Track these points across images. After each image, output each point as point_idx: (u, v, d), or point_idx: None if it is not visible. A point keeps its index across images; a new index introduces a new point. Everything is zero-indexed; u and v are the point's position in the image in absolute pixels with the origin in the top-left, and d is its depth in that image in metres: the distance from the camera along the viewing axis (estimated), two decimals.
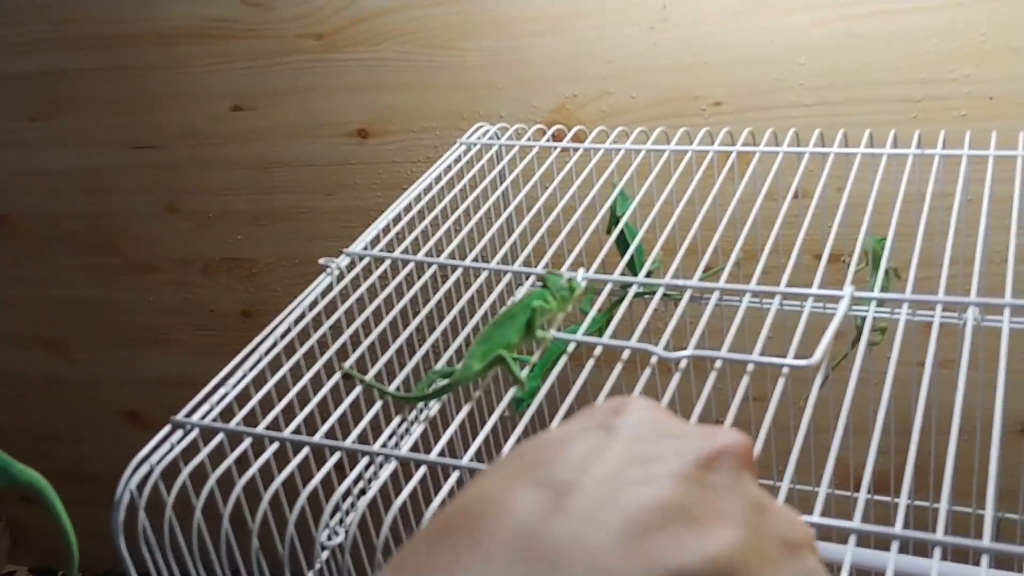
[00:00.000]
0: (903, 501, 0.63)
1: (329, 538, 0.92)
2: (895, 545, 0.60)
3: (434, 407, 0.91)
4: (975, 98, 1.18)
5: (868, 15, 1.18)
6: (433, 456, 0.74)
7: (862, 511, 0.64)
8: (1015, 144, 1.00)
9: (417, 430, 0.82)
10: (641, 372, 0.78)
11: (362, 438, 0.79)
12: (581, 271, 0.91)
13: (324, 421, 0.80)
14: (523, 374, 0.83)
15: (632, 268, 1.05)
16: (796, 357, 0.76)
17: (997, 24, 1.14)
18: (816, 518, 0.64)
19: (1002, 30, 1.14)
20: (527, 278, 0.97)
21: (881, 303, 1.00)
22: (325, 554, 0.90)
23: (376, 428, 0.84)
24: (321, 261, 0.94)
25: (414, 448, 0.78)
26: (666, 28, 1.26)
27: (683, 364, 0.77)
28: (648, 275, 0.97)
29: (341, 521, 0.94)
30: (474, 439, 0.76)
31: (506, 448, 0.76)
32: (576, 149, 1.12)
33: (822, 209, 0.98)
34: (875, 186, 0.96)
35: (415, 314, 0.91)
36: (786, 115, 1.24)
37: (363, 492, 0.82)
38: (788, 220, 0.98)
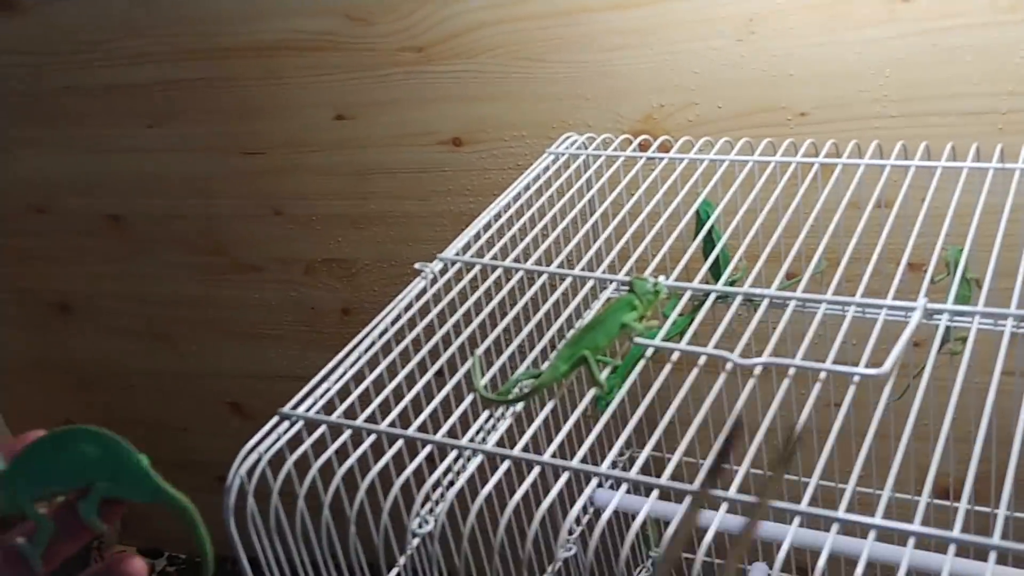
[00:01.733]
0: (963, 506, 0.66)
1: (420, 526, 0.98)
2: (952, 548, 0.63)
3: (519, 405, 0.96)
4: None
5: (952, 28, 1.19)
6: (517, 451, 0.79)
7: (922, 515, 0.66)
8: None
9: (503, 426, 0.87)
10: (719, 374, 0.82)
11: (451, 433, 0.85)
12: (662, 277, 0.95)
13: (417, 416, 0.86)
14: (603, 376, 0.88)
15: (715, 274, 1.09)
16: (871, 365, 0.79)
17: None
18: (878, 520, 0.67)
19: None
20: (610, 284, 1.01)
21: (956, 314, 1.02)
22: (416, 541, 0.96)
23: (465, 424, 0.89)
24: (416, 266, 1.00)
25: (499, 443, 0.83)
26: (753, 40, 1.28)
27: (757, 371, 0.81)
28: (732, 283, 1.00)
29: (431, 511, 0.99)
30: (556, 436, 0.81)
31: (586, 445, 0.81)
32: (661, 159, 1.16)
33: (903, 219, 1.00)
34: (955, 198, 0.98)
35: (503, 317, 0.96)
36: (870, 126, 1.26)
37: (451, 484, 0.88)
38: (869, 229, 1.01)
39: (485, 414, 0.90)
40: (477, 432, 0.89)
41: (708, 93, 1.33)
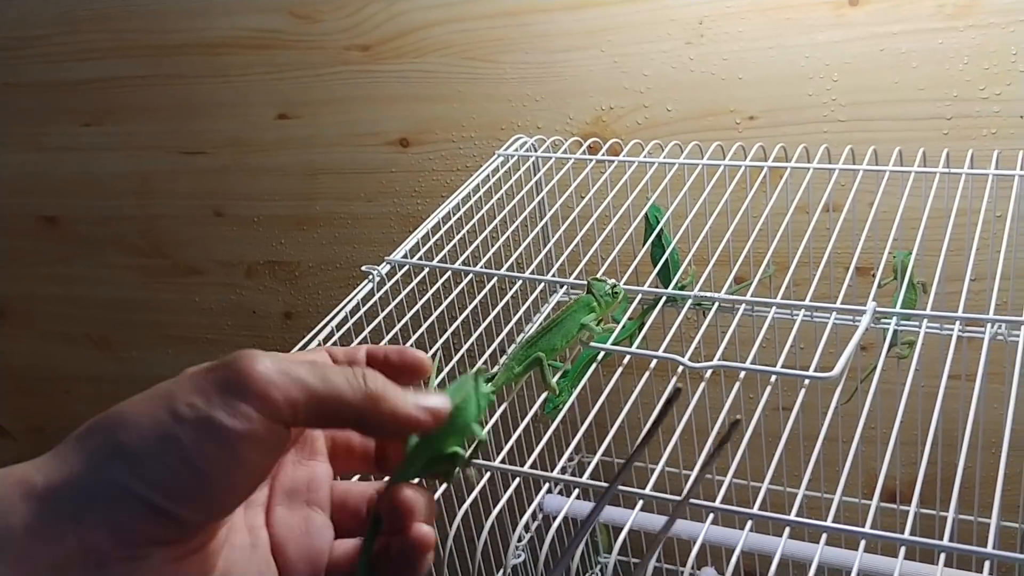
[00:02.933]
0: (913, 508, 0.66)
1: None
2: (902, 551, 0.63)
3: None
4: (1005, 116, 1.19)
5: (900, 33, 1.20)
6: (466, 456, 0.77)
7: (872, 518, 0.66)
8: None
9: None
10: (670, 379, 0.81)
11: None
12: (611, 281, 0.94)
13: None
14: (555, 380, 0.87)
15: (664, 278, 1.08)
16: (820, 369, 0.78)
17: None
18: (830, 523, 0.67)
19: None
20: (560, 287, 1.00)
21: (904, 318, 1.03)
22: None
23: None
24: (363, 268, 0.98)
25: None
26: (702, 43, 1.28)
27: (708, 374, 0.80)
28: (681, 288, 1.00)
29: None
30: (506, 441, 0.79)
31: (536, 451, 0.79)
32: (611, 162, 1.15)
33: (851, 223, 1.01)
34: (903, 202, 0.99)
35: (452, 321, 0.95)
36: (818, 130, 1.27)
37: None
38: (818, 233, 1.01)
39: None
40: None
41: (658, 96, 1.33)
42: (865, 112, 1.25)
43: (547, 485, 0.76)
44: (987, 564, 0.61)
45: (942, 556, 0.64)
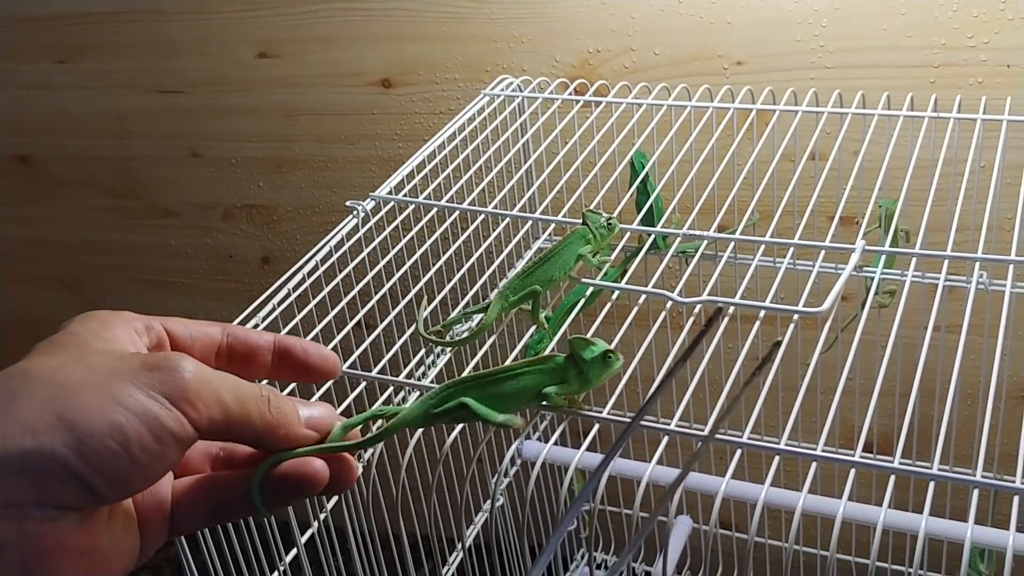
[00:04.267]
0: (897, 459, 0.66)
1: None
2: (891, 481, 0.63)
3: (448, 355, 0.94)
4: (992, 65, 1.19)
5: None
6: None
7: (854, 473, 0.66)
8: None
9: (441, 362, 0.85)
10: (652, 325, 0.81)
11: (387, 371, 0.82)
12: (606, 214, 0.93)
13: (350, 356, 0.83)
14: (543, 316, 0.86)
15: (648, 225, 1.07)
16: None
17: None
18: (819, 451, 0.66)
19: (1018, 1, 1.15)
20: (548, 227, 0.99)
21: (890, 260, 1.02)
22: None
23: (402, 362, 0.86)
24: (348, 203, 0.97)
25: (437, 379, 0.81)
26: None
27: (697, 309, 0.80)
28: (665, 236, 0.99)
29: (360, 456, 0.97)
30: None
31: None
32: (598, 103, 1.14)
33: (837, 171, 1.00)
34: (889, 149, 0.98)
35: (437, 260, 0.94)
36: (806, 77, 1.26)
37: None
38: (804, 181, 1.00)
39: (422, 352, 0.88)
40: (417, 367, 0.86)
41: (645, 39, 1.32)
42: (853, 59, 1.24)
43: (528, 431, 0.75)
44: (975, 492, 0.61)
45: (931, 486, 0.65)
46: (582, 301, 0.96)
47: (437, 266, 0.93)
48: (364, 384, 0.80)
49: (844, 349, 0.80)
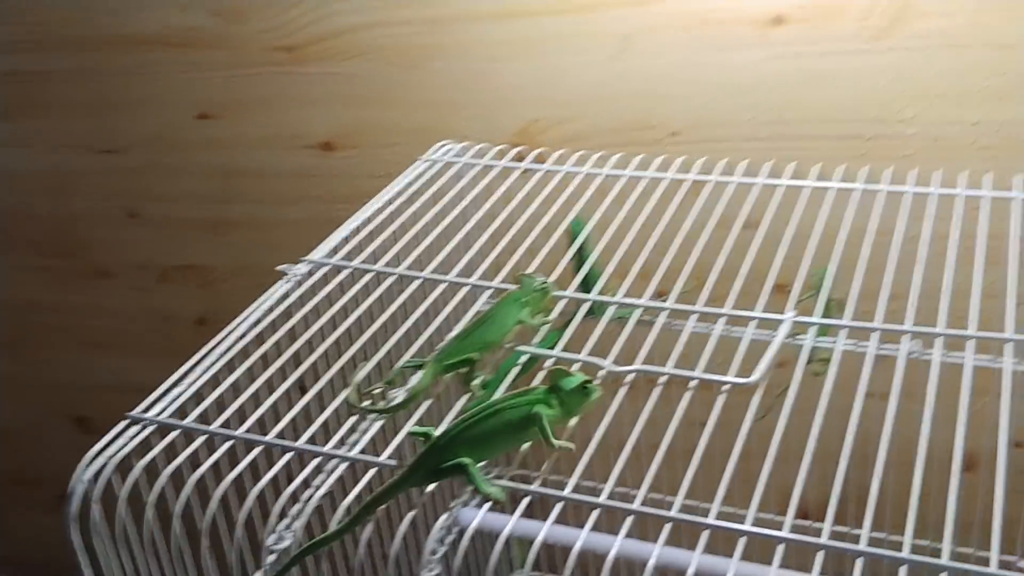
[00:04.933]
0: (827, 526, 0.66)
1: (276, 542, 0.93)
2: (819, 556, 0.63)
3: (384, 418, 0.93)
4: (922, 139, 1.22)
5: (821, 54, 1.22)
6: (383, 459, 0.76)
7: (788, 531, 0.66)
8: (957, 184, 1.03)
9: (370, 432, 0.84)
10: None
11: (314, 441, 0.81)
12: (541, 277, 0.93)
13: (278, 423, 0.81)
14: (477, 383, 0.85)
15: (585, 290, 1.08)
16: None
17: (944, 70, 1.19)
18: (748, 527, 0.66)
19: (948, 76, 1.19)
20: (485, 291, 0.99)
21: (825, 328, 1.04)
22: (271, 558, 0.91)
23: (329, 432, 0.85)
24: (280, 267, 0.96)
25: (366, 450, 0.80)
26: (627, 58, 1.29)
27: (630, 378, 0.80)
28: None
29: (289, 525, 0.94)
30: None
31: None
32: (536, 170, 1.15)
33: (771, 239, 1.01)
34: (822, 219, 1.00)
35: (371, 323, 0.93)
36: (740, 147, 1.28)
37: (311, 497, 0.84)
38: (738, 249, 1.01)
39: (350, 422, 0.86)
40: (342, 440, 0.85)
41: (584, 108, 1.33)
42: (786, 130, 1.26)
43: (464, 497, 0.74)
44: (902, 569, 0.61)
45: (859, 562, 0.65)
46: (517, 368, 0.95)
47: (372, 330, 0.92)
48: (290, 455, 0.78)
49: (780, 416, 0.81)
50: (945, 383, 0.87)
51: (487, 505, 0.77)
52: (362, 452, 0.78)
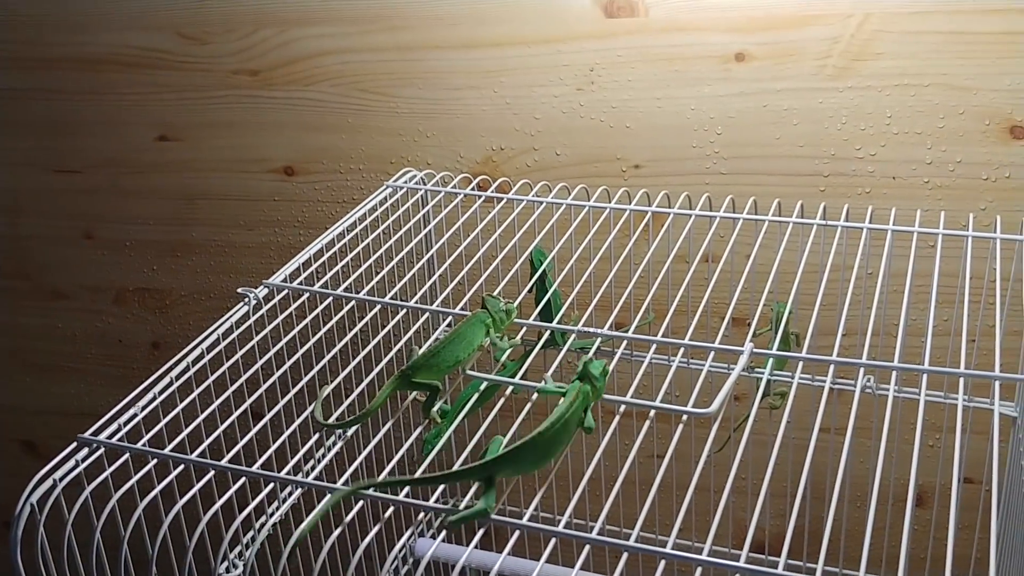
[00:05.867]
0: (783, 560, 0.66)
1: (228, 570, 0.91)
2: None
3: (340, 443, 0.92)
4: (879, 177, 1.24)
5: (783, 91, 1.24)
6: (339, 484, 0.75)
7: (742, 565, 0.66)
8: (913, 222, 1.05)
9: (332, 452, 0.83)
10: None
11: (269, 465, 0.80)
12: (506, 299, 0.94)
13: (233, 447, 0.80)
14: (436, 409, 0.85)
15: (546, 320, 1.08)
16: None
17: (902, 110, 1.21)
18: (704, 556, 0.66)
19: (907, 116, 1.21)
20: (445, 318, 0.99)
21: (781, 362, 1.05)
22: None
23: (290, 452, 0.84)
24: (239, 290, 0.95)
25: (322, 475, 0.79)
26: (592, 91, 1.30)
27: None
28: (563, 333, 0.99)
29: (241, 553, 0.93)
30: (383, 470, 0.77)
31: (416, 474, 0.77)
32: (499, 199, 1.15)
33: (729, 274, 1.02)
34: (779, 254, 1.01)
35: (330, 349, 0.92)
36: (701, 182, 1.29)
37: (265, 523, 0.82)
38: (697, 282, 1.02)
39: (312, 441, 0.85)
40: (297, 465, 0.84)
41: (547, 139, 1.34)
42: (746, 166, 1.28)
43: (421, 527, 0.74)
44: None
45: None
46: (476, 395, 0.95)
47: (331, 355, 0.91)
48: (244, 479, 0.77)
49: (736, 448, 0.81)
50: (898, 418, 0.87)
51: (442, 535, 0.77)
52: (317, 478, 0.77)
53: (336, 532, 0.73)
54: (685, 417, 0.76)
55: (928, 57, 1.18)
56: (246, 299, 0.94)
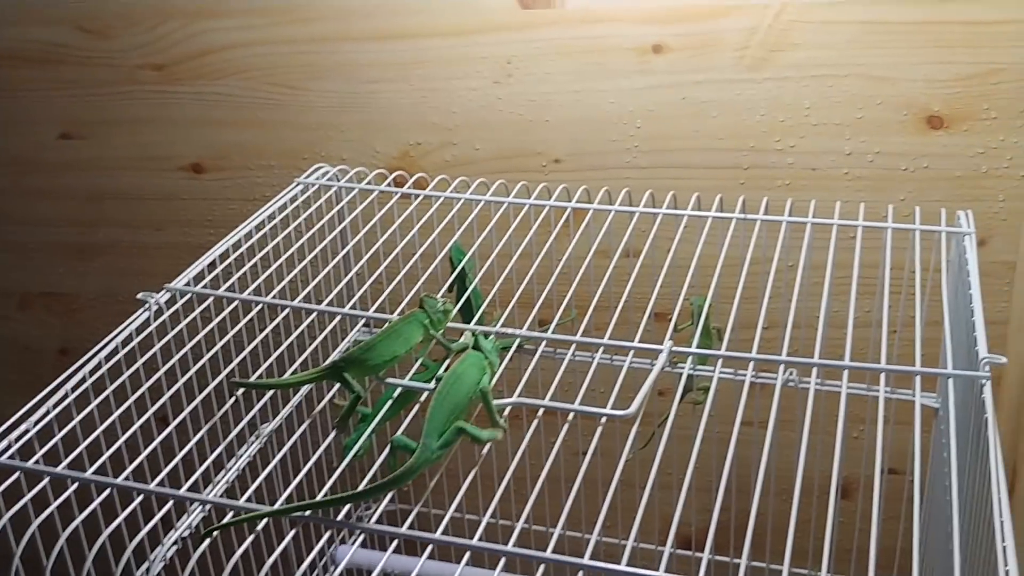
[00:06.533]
0: (705, 555, 0.64)
1: None
2: None
3: (254, 448, 0.89)
4: (798, 168, 1.24)
5: (701, 83, 1.23)
6: (242, 502, 0.72)
7: (665, 564, 0.65)
8: (832, 214, 1.05)
9: (233, 472, 0.80)
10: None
11: (173, 481, 0.76)
12: (444, 299, 0.92)
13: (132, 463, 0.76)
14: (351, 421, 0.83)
15: (467, 319, 1.06)
16: (617, 409, 0.77)
17: (820, 101, 1.21)
18: (623, 567, 0.65)
19: (825, 107, 1.21)
20: (359, 321, 0.96)
21: (699, 361, 1.04)
22: None
23: (191, 470, 0.80)
24: (140, 296, 0.91)
25: (229, 492, 0.75)
26: (510, 84, 1.28)
27: (507, 411, 0.78)
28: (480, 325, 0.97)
29: (148, 570, 0.89)
30: (287, 484, 0.74)
31: (324, 490, 0.74)
32: (416, 196, 1.12)
33: (650, 268, 1.01)
34: (699, 248, 1.00)
35: (239, 354, 0.89)
36: (621, 176, 1.28)
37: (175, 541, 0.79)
38: (619, 277, 1.00)
39: (209, 461, 0.82)
40: (201, 480, 0.80)
41: (466, 134, 1.32)
42: (666, 159, 1.27)
43: (342, 533, 0.71)
44: None
45: None
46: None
47: (237, 361, 0.87)
48: (140, 497, 0.73)
49: (667, 444, 0.79)
50: (822, 411, 0.87)
51: (359, 539, 0.74)
52: (223, 495, 0.74)
53: (242, 547, 0.69)
54: (604, 419, 0.74)
55: (845, 47, 1.18)
56: (147, 304, 0.90)
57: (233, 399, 0.83)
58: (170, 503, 0.73)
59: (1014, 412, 1.20)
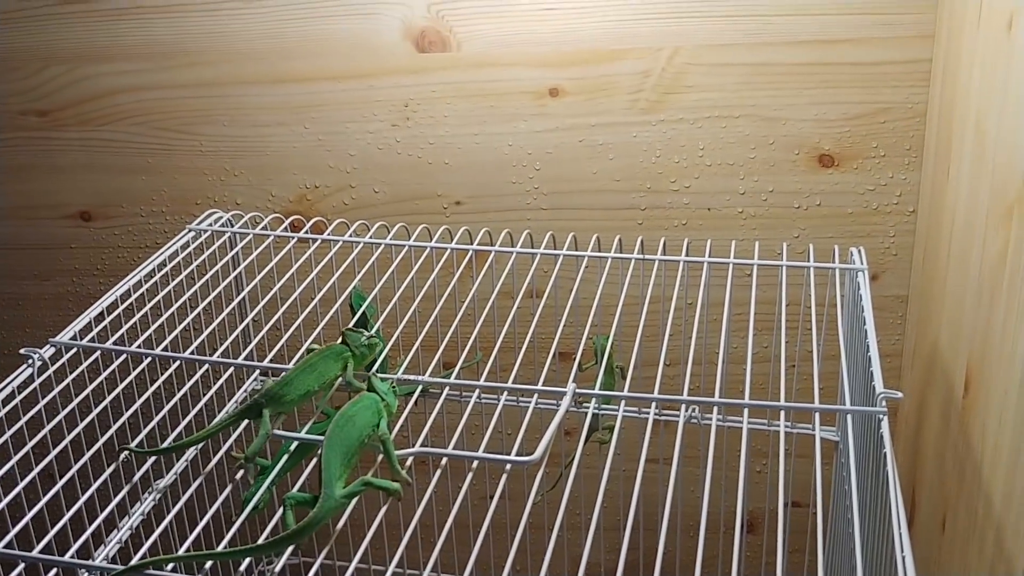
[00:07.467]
0: None
1: None
2: None
3: (147, 505, 0.85)
4: (694, 208, 1.25)
5: (598, 126, 1.24)
6: (134, 562, 0.68)
7: None
8: (728, 253, 1.06)
9: (125, 532, 0.76)
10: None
11: (59, 546, 0.72)
12: (368, 332, 0.90)
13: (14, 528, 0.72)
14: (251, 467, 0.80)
15: (369, 364, 1.03)
16: (524, 453, 0.76)
17: (714, 142, 1.23)
18: None
19: (718, 148, 1.23)
20: (252, 372, 0.93)
21: (604, 401, 1.04)
22: None
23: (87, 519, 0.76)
24: (22, 351, 0.87)
25: (124, 552, 0.72)
26: (408, 126, 1.27)
27: (409, 462, 0.76)
28: (382, 371, 0.95)
29: None
30: (183, 541, 0.70)
31: (224, 542, 0.71)
32: (314, 240, 1.10)
33: (553, 309, 1.01)
34: (600, 288, 1.00)
35: (128, 408, 0.85)
36: (522, 218, 1.28)
37: None
38: (522, 318, 1.00)
39: (99, 521, 0.78)
40: (108, 532, 0.76)
41: (364, 176, 1.30)
42: (566, 201, 1.27)
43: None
44: None
45: None
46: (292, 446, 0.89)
47: (127, 415, 0.84)
48: (23, 565, 0.69)
49: (575, 484, 0.79)
50: (725, 446, 0.87)
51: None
52: (114, 558, 0.70)
53: None
54: (509, 466, 0.73)
55: (736, 89, 1.20)
56: (30, 360, 0.85)
57: (122, 457, 0.79)
58: (54, 571, 0.69)
59: (911, 442, 1.23)
